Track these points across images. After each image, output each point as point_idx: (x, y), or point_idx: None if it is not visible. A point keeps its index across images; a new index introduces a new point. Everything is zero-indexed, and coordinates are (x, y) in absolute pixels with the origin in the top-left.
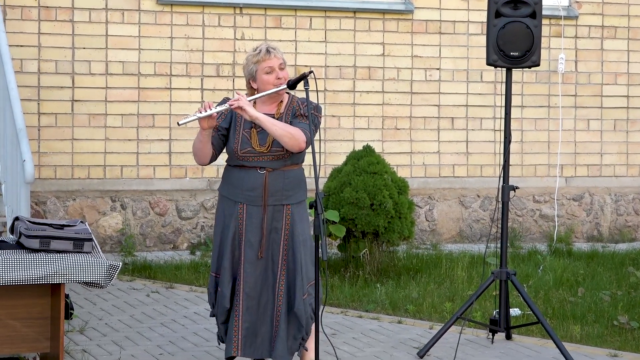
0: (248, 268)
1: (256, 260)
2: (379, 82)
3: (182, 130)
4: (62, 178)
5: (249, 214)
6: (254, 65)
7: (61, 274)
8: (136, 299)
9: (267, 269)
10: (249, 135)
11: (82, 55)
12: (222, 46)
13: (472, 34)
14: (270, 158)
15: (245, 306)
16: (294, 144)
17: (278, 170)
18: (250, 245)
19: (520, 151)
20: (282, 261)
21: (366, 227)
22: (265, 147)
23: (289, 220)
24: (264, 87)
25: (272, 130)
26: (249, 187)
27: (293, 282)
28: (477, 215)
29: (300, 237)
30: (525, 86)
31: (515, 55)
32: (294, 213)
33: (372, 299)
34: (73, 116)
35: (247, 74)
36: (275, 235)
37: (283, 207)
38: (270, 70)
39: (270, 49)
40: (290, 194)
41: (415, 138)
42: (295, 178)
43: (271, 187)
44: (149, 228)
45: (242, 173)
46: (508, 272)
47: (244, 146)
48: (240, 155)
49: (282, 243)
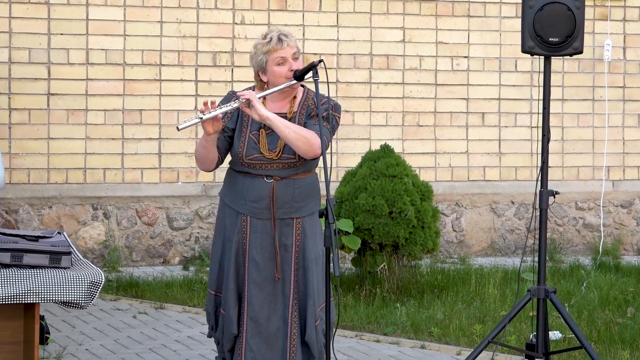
0: (253, 290)
1: (263, 282)
2: (399, 73)
3: (173, 128)
4: (37, 183)
5: (253, 228)
6: (264, 55)
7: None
8: (121, 321)
9: (277, 291)
10: (257, 139)
11: (60, 43)
12: (219, 32)
13: (505, 17)
14: (280, 166)
15: (250, 332)
16: (309, 150)
17: (287, 179)
18: (255, 264)
19: (561, 151)
20: (294, 283)
21: (384, 238)
22: (275, 152)
23: (300, 236)
24: (275, 81)
25: (285, 134)
26: (254, 197)
27: (304, 307)
28: (511, 225)
29: (312, 254)
30: (566, 77)
31: (555, 41)
32: (306, 227)
33: (391, 321)
34: (49, 112)
35: (255, 65)
36: (285, 253)
37: (293, 220)
38: (283, 61)
39: (282, 36)
40: (300, 206)
41: (441, 136)
42: (307, 187)
43: (279, 198)
44: (135, 240)
45: (246, 181)
46: (547, 289)
47: (250, 152)
48: (246, 161)
49: (293, 262)
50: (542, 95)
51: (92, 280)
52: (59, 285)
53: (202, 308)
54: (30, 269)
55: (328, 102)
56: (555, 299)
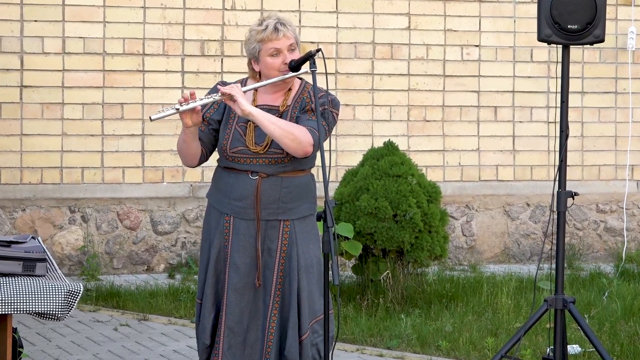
0: (232, 296)
1: (243, 288)
2: (404, 63)
3: (157, 123)
4: (9, 183)
5: (236, 230)
6: (257, 44)
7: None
8: (101, 334)
9: (257, 299)
10: (243, 131)
11: (33, 30)
12: (207, 18)
13: (519, 2)
14: (267, 161)
15: (227, 344)
16: (297, 148)
17: (274, 177)
18: (235, 268)
19: (581, 148)
20: (275, 291)
21: (388, 243)
22: (262, 146)
23: (287, 241)
24: (267, 72)
25: (270, 130)
26: (237, 195)
27: (286, 318)
28: (526, 229)
29: (302, 261)
30: (586, 67)
31: (574, 28)
32: (295, 232)
33: (396, 334)
34: (22, 106)
35: (248, 53)
36: (269, 258)
37: (279, 223)
38: (277, 52)
39: (279, 25)
40: (289, 207)
41: (449, 132)
42: (298, 187)
43: (264, 196)
44: (116, 245)
45: (230, 177)
46: (565, 299)
47: (235, 144)
48: (230, 155)
49: (277, 268)
50: (560, 87)
51: (69, 290)
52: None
53: (190, 320)
54: (1, 277)
55: (326, 96)
56: (574, 309)
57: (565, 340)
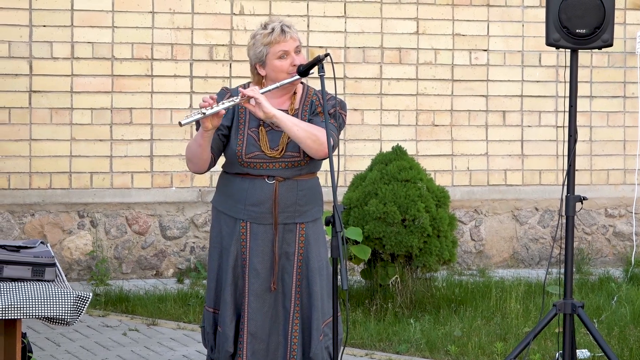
0: (254, 302)
1: (264, 293)
2: (412, 68)
3: (166, 128)
4: (18, 188)
5: (253, 235)
6: (264, 47)
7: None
8: (110, 339)
9: (277, 303)
10: (257, 136)
11: (42, 35)
12: (216, 23)
13: (528, 6)
14: (283, 165)
15: (251, 350)
16: (319, 149)
17: (291, 180)
18: (256, 274)
19: (589, 153)
20: (296, 294)
21: (396, 248)
22: (278, 150)
23: (303, 244)
24: (275, 76)
25: (294, 132)
26: (254, 200)
27: (308, 320)
28: (535, 233)
29: (315, 264)
30: (594, 71)
31: (582, 33)
32: (309, 234)
33: (405, 338)
34: (31, 111)
35: (253, 57)
36: (287, 261)
37: (296, 226)
38: (285, 54)
39: (285, 27)
40: (304, 210)
41: (458, 137)
42: (311, 190)
43: (282, 200)
44: (125, 250)
45: (245, 183)
46: (574, 304)
47: (250, 149)
48: (245, 160)
49: (295, 271)
50: (569, 92)
51: (78, 295)
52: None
53: (199, 324)
54: (10, 282)
55: (333, 98)
56: (583, 314)
57: (574, 345)
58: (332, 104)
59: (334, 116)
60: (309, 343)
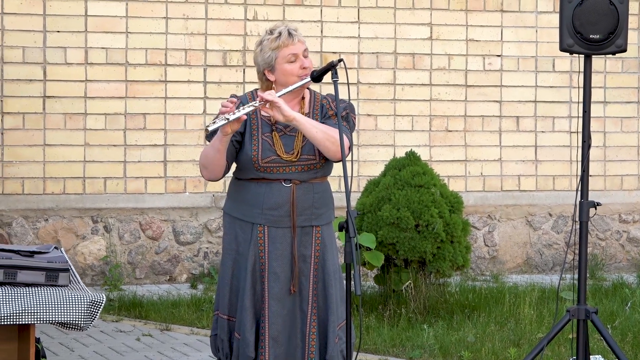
0: (274, 306)
1: (284, 296)
2: (426, 73)
3: (179, 133)
4: (32, 193)
5: (272, 238)
6: (273, 52)
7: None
8: (124, 344)
9: (295, 306)
10: (271, 141)
11: (56, 41)
12: (229, 29)
13: (541, 12)
14: (299, 168)
15: (273, 355)
16: (337, 151)
17: (307, 183)
18: (275, 277)
19: (603, 158)
20: (312, 297)
21: (410, 253)
22: (294, 154)
23: (319, 246)
24: (285, 80)
25: (312, 134)
26: (272, 204)
27: (324, 323)
28: (548, 239)
29: (330, 266)
30: (608, 77)
31: (596, 38)
32: (324, 236)
33: (418, 344)
34: (45, 116)
35: (262, 63)
36: (303, 264)
37: (312, 229)
38: (294, 58)
39: (292, 31)
40: (320, 213)
41: (471, 142)
42: (325, 193)
43: (299, 203)
44: (139, 255)
45: (261, 188)
46: (588, 309)
47: (266, 154)
48: (262, 165)
49: (312, 274)
50: (582, 97)
51: (92, 300)
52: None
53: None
54: (25, 287)
55: (344, 101)
56: (597, 320)
57: (587, 351)
58: (343, 107)
59: (346, 119)
60: (325, 345)
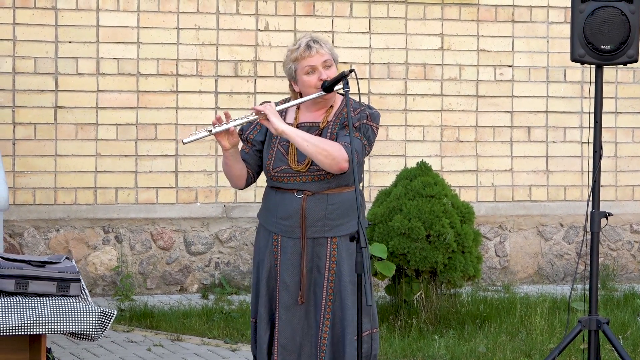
0: (284, 315)
1: (293, 306)
2: (437, 83)
3: (191, 144)
4: (43, 204)
5: (284, 248)
6: (293, 63)
7: (42, 323)
8: (135, 354)
9: (309, 316)
10: (286, 150)
11: (68, 51)
12: (240, 39)
13: (553, 22)
14: (309, 179)
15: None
16: (332, 164)
17: (319, 194)
18: (285, 287)
19: (614, 169)
20: (326, 308)
21: (421, 264)
22: (304, 164)
23: (335, 257)
24: (305, 91)
25: (303, 147)
26: (283, 214)
27: (341, 335)
28: (560, 249)
29: (347, 277)
30: (620, 87)
31: (607, 48)
32: (341, 248)
33: (429, 354)
34: (56, 126)
35: (287, 74)
36: (318, 275)
37: (327, 240)
38: (312, 70)
39: (312, 42)
40: (336, 224)
41: (482, 153)
42: (344, 204)
43: (309, 215)
44: (150, 266)
45: (277, 197)
46: (599, 320)
47: (277, 164)
48: (273, 174)
49: (327, 285)
50: (594, 107)
51: (103, 310)
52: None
53: (223, 340)
54: (36, 297)
55: (364, 110)
56: (609, 330)
57: None
58: (358, 117)
59: (358, 129)
60: (342, 357)
